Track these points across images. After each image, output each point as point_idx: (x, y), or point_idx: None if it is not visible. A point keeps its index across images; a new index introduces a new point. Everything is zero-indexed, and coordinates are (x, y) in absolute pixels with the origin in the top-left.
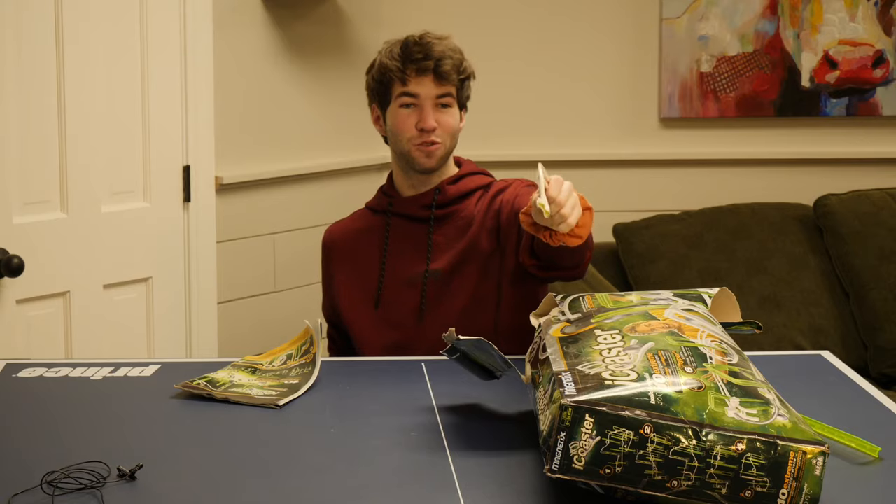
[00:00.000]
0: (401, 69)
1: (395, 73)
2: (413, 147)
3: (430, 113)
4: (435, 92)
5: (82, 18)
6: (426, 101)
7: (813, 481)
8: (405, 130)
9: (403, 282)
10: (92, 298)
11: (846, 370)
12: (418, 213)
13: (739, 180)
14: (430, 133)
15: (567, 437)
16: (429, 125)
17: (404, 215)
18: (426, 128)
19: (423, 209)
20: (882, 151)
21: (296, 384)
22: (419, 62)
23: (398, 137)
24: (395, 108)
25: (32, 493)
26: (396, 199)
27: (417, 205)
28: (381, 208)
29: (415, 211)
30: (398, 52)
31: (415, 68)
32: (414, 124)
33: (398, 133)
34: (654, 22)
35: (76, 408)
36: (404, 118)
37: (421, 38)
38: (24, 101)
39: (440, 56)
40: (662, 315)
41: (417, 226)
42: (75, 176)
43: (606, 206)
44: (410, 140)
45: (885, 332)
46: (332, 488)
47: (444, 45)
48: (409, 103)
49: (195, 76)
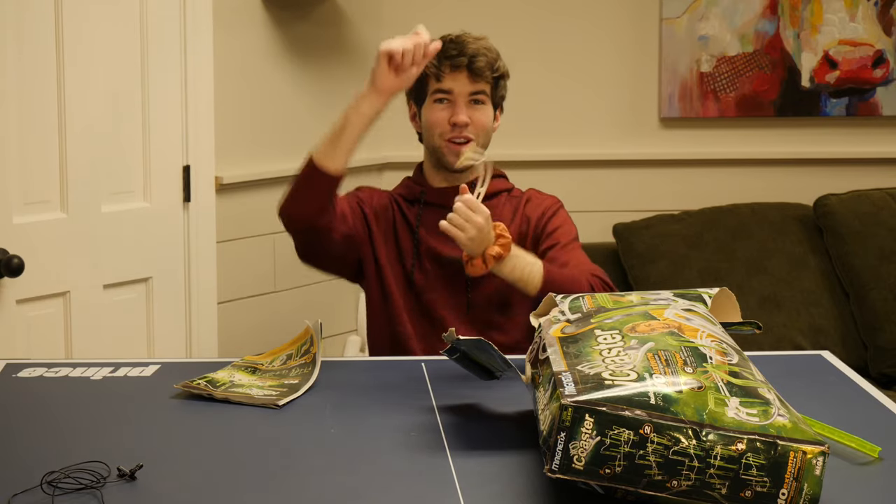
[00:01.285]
0: (436, 66)
1: (430, 69)
2: (444, 143)
3: (462, 108)
4: (469, 88)
5: (82, 18)
6: (459, 97)
7: (813, 481)
8: (438, 125)
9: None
10: (92, 298)
11: (846, 370)
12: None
13: (739, 180)
14: (463, 128)
15: (567, 437)
16: (461, 120)
17: (437, 205)
18: (458, 122)
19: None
20: (882, 151)
21: (296, 384)
22: (453, 58)
23: (431, 132)
24: (430, 103)
25: (32, 493)
26: (428, 188)
27: (450, 197)
28: (412, 197)
29: (448, 201)
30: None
31: (449, 64)
32: (447, 119)
33: (431, 128)
34: (654, 22)
35: (76, 408)
36: (438, 113)
37: (458, 36)
38: (24, 101)
39: (474, 53)
40: (662, 315)
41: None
42: (75, 176)
43: (606, 206)
44: (442, 135)
45: (885, 332)
46: (332, 488)
47: (479, 44)
48: (443, 98)
49: (195, 76)
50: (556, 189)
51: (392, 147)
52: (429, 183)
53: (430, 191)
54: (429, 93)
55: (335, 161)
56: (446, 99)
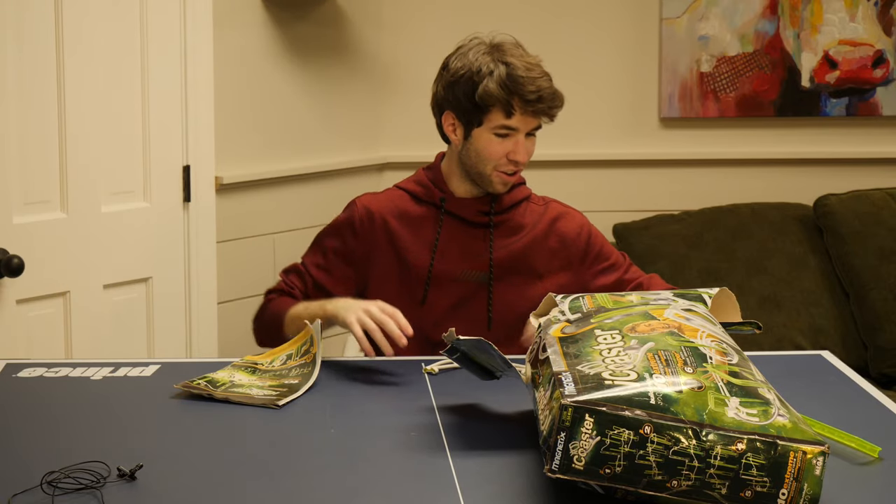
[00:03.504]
0: (508, 102)
1: (500, 103)
2: (496, 172)
3: (524, 146)
4: (533, 125)
5: (82, 18)
6: (522, 133)
7: (813, 481)
8: (494, 157)
9: (451, 280)
10: (92, 298)
11: (846, 370)
12: (475, 217)
13: (739, 180)
14: (521, 164)
15: (567, 437)
16: (523, 159)
17: (459, 216)
18: (520, 161)
19: (481, 214)
20: (882, 151)
21: (296, 384)
22: (533, 104)
23: (484, 160)
24: (488, 133)
25: (32, 493)
26: (449, 196)
27: (474, 209)
28: (428, 199)
29: (471, 215)
30: (507, 81)
31: (527, 108)
32: (505, 153)
33: (486, 158)
34: (654, 22)
35: (76, 408)
36: (497, 146)
37: (528, 72)
38: (24, 101)
39: (552, 97)
40: (662, 315)
41: (470, 228)
42: (75, 176)
43: (606, 206)
44: (497, 167)
45: (885, 332)
46: (332, 488)
47: (551, 83)
48: (507, 134)
49: (195, 76)
50: (555, 189)
51: (392, 147)
52: (450, 189)
53: (451, 199)
54: (489, 122)
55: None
56: (509, 134)
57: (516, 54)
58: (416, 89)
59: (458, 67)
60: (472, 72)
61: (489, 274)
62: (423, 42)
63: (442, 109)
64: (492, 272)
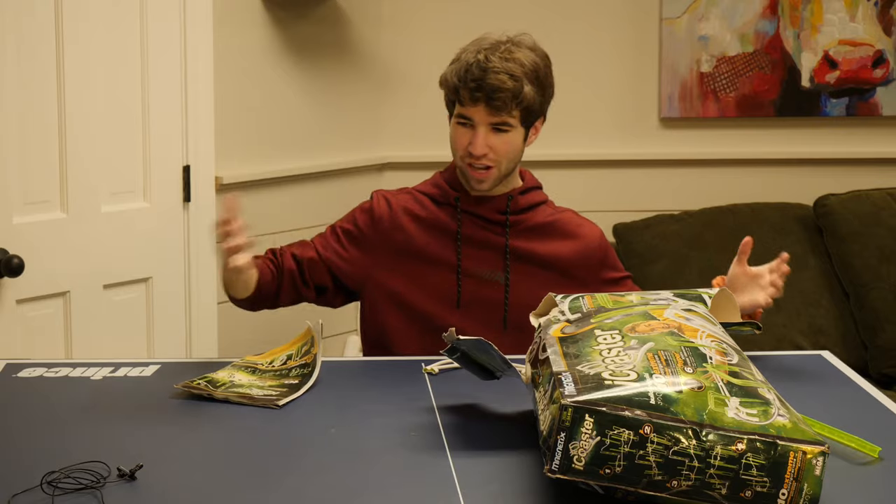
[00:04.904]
0: (457, 90)
1: (452, 91)
2: (465, 165)
3: (481, 138)
4: (489, 119)
5: (82, 19)
6: (480, 125)
7: (813, 481)
8: (458, 148)
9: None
10: (92, 298)
11: (846, 370)
12: (491, 216)
13: (739, 180)
14: (480, 158)
15: (567, 437)
16: (477, 151)
17: (475, 215)
18: (474, 153)
19: (498, 213)
20: (882, 151)
21: (296, 384)
22: (472, 91)
23: (454, 151)
24: (454, 123)
25: (32, 493)
26: (464, 196)
27: (489, 208)
28: (445, 200)
29: (487, 213)
30: (461, 69)
31: (468, 95)
32: (465, 145)
33: (453, 149)
34: (654, 22)
35: (76, 408)
36: (459, 136)
37: (487, 58)
38: (24, 101)
39: (495, 87)
40: (662, 315)
41: (487, 227)
42: (75, 176)
43: (606, 206)
44: (462, 158)
45: (885, 332)
46: (332, 488)
47: (503, 73)
48: (465, 123)
49: (195, 76)
50: (555, 189)
51: (392, 147)
52: (464, 188)
53: (465, 197)
54: (454, 113)
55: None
56: (468, 124)
57: (500, 51)
58: (416, 89)
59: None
60: (454, 64)
61: (505, 272)
62: (423, 42)
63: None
64: (508, 269)
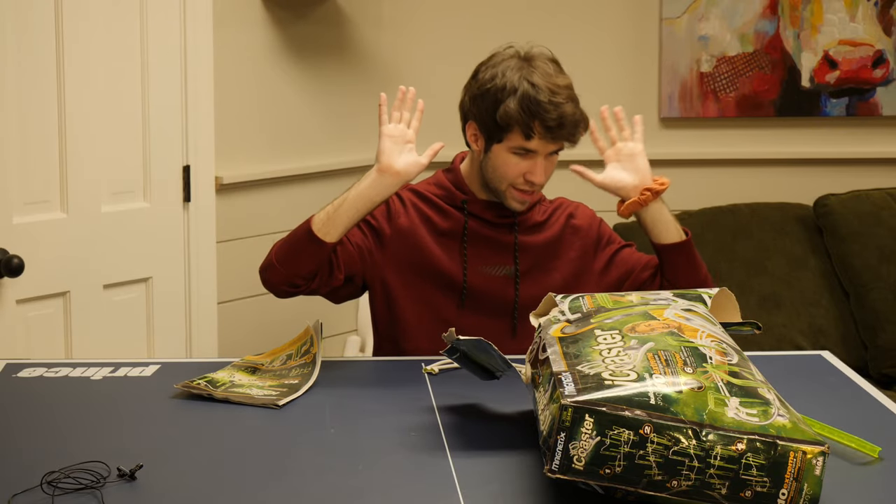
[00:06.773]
0: (528, 125)
1: (520, 126)
2: (511, 189)
3: (542, 168)
4: (549, 148)
5: (82, 18)
6: (541, 155)
7: (813, 481)
8: (510, 176)
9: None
10: (92, 298)
11: (846, 370)
12: (496, 218)
13: (739, 180)
14: (537, 185)
15: (567, 437)
16: (540, 181)
17: (481, 217)
18: (536, 182)
19: (503, 217)
20: (882, 151)
21: (296, 384)
22: (553, 130)
23: (500, 177)
24: (506, 151)
25: (32, 493)
26: (471, 198)
27: (495, 211)
28: (450, 202)
29: (493, 217)
30: (529, 104)
31: (547, 134)
32: (522, 173)
33: (502, 175)
34: (654, 22)
35: (76, 408)
36: (514, 165)
37: (553, 93)
38: (24, 101)
39: (574, 125)
40: (662, 315)
41: (495, 227)
42: (75, 176)
43: (606, 206)
44: (513, 184)
45: (885, 332)
46: (332, 488)
47: (575, 109)
48: (524, 153)
49: (195, 76)
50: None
51: None
52: (472, 191)
53: (473, 201)
54: (508, 141)
55: (331, 235)
56: (528, 154)
57: (544, 73)
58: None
59: (485, 80)
60: (497, 88)
61: (515, 270)
62: (423, 42)
63: (466, 118)
64: (517, 267)
